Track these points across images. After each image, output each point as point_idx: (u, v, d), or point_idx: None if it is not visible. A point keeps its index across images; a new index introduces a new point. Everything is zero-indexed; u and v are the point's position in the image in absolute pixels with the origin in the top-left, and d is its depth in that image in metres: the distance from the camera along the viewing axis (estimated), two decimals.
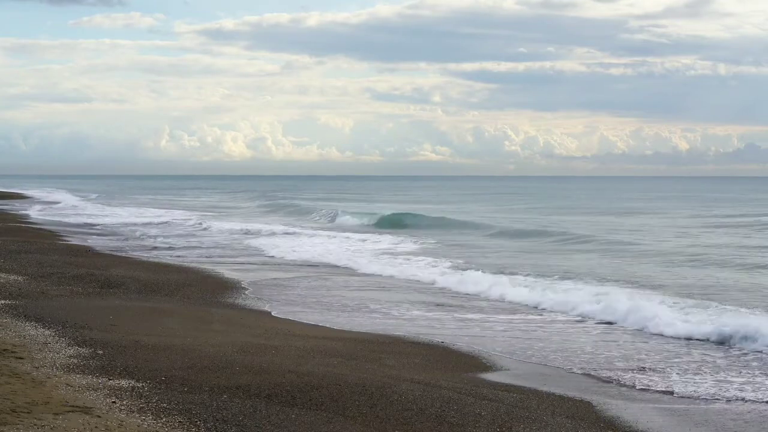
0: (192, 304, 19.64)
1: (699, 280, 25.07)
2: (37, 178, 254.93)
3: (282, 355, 13.81)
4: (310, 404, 10.79)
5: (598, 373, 13.97)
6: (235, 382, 11.66)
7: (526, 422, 10.70)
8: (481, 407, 11.19)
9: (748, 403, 12.25)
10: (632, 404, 12.12)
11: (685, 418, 11.54)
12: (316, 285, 24.15)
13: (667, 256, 31.82)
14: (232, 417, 9.98)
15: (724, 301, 20.53)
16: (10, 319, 15.77)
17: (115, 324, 15.94)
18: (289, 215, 65.75)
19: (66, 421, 9.22)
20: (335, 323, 17.99)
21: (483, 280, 24.00)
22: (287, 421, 9.96)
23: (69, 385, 10.95)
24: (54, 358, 12.63)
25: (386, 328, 17.59)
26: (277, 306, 20.10)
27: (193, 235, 43.00)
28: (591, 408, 11.76)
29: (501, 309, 20.41)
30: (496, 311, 20.05)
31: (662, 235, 43.42)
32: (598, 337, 17.13)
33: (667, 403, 12.27)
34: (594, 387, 13.10)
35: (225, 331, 16.00)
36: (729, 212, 65.56)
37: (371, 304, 20.76)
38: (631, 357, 15.15)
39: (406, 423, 10.28)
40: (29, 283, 21.06)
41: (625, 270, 27.62)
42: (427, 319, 18.87)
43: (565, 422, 10.85)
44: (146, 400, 10.50)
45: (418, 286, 24.34)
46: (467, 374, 13.55)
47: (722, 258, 30.88)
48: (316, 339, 15.60)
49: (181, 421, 9.72)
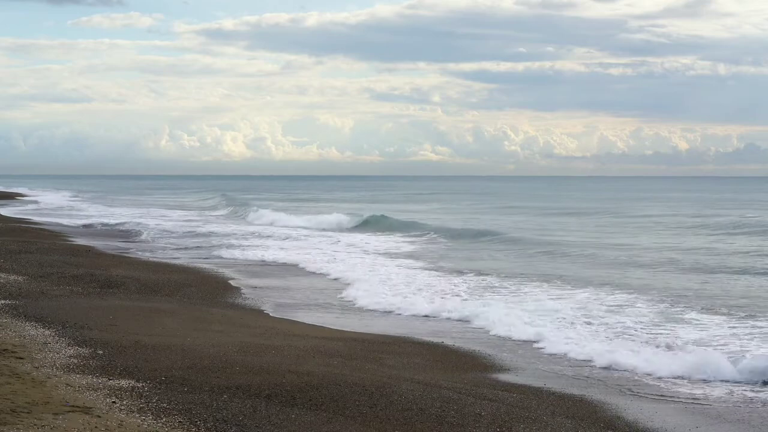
0: (192, 303, 19.64)
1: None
2: (36, 178, 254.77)
3: (282, 355, 13.81)
4: (310, 404, 10.79)
5: (600, 374, 13.99)
6: (235, 382, 11.67)
7: (526, 422, 10.70)
8: (481, 407, 11.19)
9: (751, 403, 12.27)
10: (632, 404, 12.13)
11: (686, 416, 11.55)
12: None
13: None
14: (232, 417, 9.98)
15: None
16: (10, 319, 15.77)
17: (115, 324, 15.94)
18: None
19: (66, 421, 9.22)
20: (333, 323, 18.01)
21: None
22: (287, 421, 9.96)
23: (69, 385, 10.95)
24: (54, 358, 12.63)
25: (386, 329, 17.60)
26: (276, 306, 20.12)
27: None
28: (591, 408, 11.77)
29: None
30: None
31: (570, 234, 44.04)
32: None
33: (667, 403, 12.28)
34: (594, 387, 13.12)
35: (225, 331, 15.99)
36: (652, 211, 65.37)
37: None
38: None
39: (406, 423, 10.28)
40: (29, 283, 21.05)
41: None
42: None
43: (565, 422, 10.85)
44: (146, 400, 10.50)
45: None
46: (467, 374, 13.56)
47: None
48: (316, 339, 15.60)
49: (181, 421, 9.72)
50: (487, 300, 20.55)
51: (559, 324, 17.61)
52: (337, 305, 20.79)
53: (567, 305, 19.77)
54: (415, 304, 20.17)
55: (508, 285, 23.56)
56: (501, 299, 20.79)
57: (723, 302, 20.45)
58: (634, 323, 17.76)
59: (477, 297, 21.31)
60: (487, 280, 24.57)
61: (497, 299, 20.70)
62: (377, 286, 23.05)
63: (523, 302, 20.31)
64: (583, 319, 18.14)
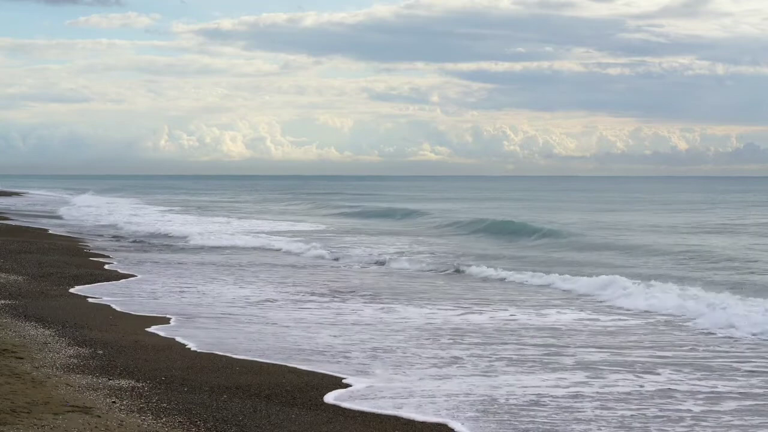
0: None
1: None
2: (36, 178, 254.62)
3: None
4: (310, 404, 10.79)
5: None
6: (235, 382, 11.67)
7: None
8: None
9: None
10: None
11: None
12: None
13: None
14: (232, 417, 9.98)
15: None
16: (10, 319, 15.78)
17: (115, 324, 15.94)
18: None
19: (66, 421, 9.22)
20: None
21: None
22: (287, 421, 9.96)
23: (69, 385, 10.96)
24: (54, 358, 12.63)
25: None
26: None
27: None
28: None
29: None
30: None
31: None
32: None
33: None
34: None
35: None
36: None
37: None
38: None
39: (406, 423, 10.27)
40: (29, 283, 21.06)
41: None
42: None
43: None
44: (146, 400, 10.50)
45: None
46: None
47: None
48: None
49: (181, 421, 9.72)
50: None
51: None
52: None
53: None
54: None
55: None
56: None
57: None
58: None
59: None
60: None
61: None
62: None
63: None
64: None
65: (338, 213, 66.69)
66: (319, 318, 17.41)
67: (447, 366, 13.12)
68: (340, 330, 16.04)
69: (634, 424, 10.25)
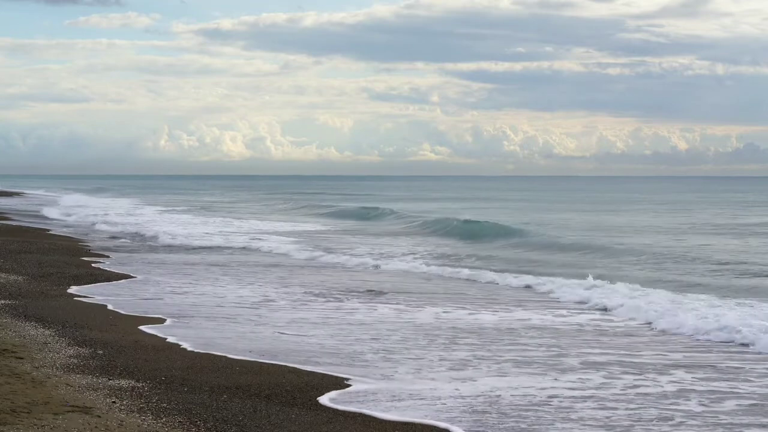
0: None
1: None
2: (36, 179, 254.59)
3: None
4: (310, 404, 10.80)
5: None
6: (235, 382, 11.68)
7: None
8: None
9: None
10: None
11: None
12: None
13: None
14: (232, 417, 9.98)
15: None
16: (10, 319, 15.78)
17: (115, 324, 15.95)
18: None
19: (66, 421, 9.22)
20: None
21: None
22: (287, 421, 9.97)
23: (69, 385, 10.96)
24: (54, 358, 12.63)
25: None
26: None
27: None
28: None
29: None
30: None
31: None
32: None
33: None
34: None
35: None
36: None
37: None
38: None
39: (406, 423, 10.27)
40: (29, 283, 21.07)
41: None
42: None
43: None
44: (146, 400, 10.50)
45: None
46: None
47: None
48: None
49: (181, 421, 9.72)
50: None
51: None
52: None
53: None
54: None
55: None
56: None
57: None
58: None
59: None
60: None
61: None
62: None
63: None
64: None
65: (314, 214, 65.91)
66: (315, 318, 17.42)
67: (447, 367, 13.13)
68: (336, 330, 16.05)
69: (634, 424, 10.26)
